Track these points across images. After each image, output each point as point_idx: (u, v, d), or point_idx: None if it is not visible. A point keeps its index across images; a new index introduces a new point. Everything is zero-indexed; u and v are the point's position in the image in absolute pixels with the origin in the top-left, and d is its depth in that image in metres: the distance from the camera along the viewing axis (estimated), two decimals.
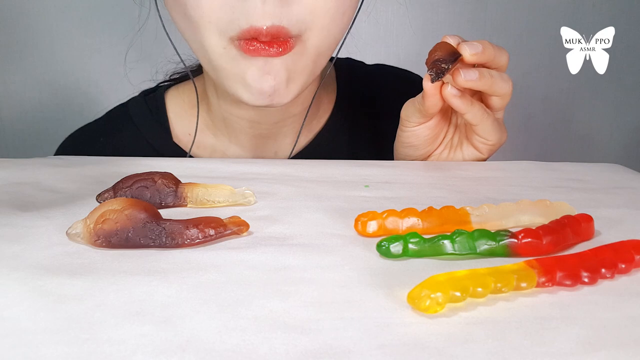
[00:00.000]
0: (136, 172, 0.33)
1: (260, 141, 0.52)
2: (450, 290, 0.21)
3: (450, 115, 0.45)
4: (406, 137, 0.45)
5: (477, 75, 0.40)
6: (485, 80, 0.40)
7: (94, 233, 0.26)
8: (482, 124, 0.42)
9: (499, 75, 0.41)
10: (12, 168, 0.39)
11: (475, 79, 0.40)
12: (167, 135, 0.53)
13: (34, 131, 1.09)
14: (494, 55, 0.40)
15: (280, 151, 0.53)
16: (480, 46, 0.39)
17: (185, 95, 0.55)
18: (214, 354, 0.18)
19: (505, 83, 0.41)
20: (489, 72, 0.40)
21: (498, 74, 0.41)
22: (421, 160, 0.46)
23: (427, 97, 0.41)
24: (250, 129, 0.51)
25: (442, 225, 0.28)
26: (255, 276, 0.24)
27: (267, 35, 0.39)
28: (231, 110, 0.50)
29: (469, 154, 0.45)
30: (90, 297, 0.22)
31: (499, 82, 0.41)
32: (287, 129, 0.52)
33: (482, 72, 0.40)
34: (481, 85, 0.40)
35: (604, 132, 1.18)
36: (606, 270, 0.23)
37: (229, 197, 0.32)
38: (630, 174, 0.41)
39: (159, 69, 0.61)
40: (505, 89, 0.41)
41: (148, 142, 0.53)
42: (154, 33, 0.55)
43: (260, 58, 0.40)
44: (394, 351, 0.18)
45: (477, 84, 0.40)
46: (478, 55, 0.39)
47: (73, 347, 0.18)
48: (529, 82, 1.13)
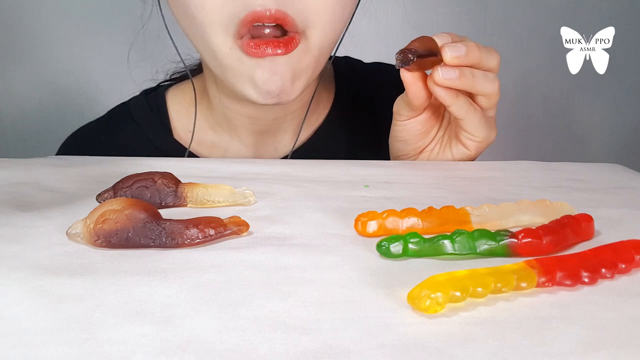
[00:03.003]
0: (136, 172, 0.33)
1: (260, 137, 0.52)
2: (450, 290, 0.21)
3: (442, 112, 0.45)
4: (398, 132, 0.45)
5: (457, 74, 0.39)
6: (466, 79, 0.39)
7: (94, 233, 0.26)
8: (468, 118, 0.41)
9: (482, 74, 0.40)
10: (12, 168, 0.39)
11: (454, 77, 0.39)
12: (168, 132, 0.54)
13: (34, 131, 1.09)
14: (480, 58, 0.39)
15: (280, 147, 0.53)
16: (463, 49, 0.39)
17: (186, 93, 0.55)
18: (214, 354, 0.18)
19: (489, 83, 0.40)
20: (471, 71, 0.40)
21: (482, 74, 0.40)
22: (412, 155, 0.46)
23: (406, 87, 0.41)
24: (250, 125, 0.51)
25: (442, 225, 0.28)
26: (255, 276, 0.24)
27: (271, 18, 0.39)
28: (232, 107, 0.50)
29: (458, 152, 0.44)
30: (90, 297, 0.22)
31: (481, 81, 0.40)
32: (286, 124, 0.52)
33: (462, 72, 0.39)
34: (461, 85, 0.39)
35: (604, 132, 1.18)
36: (606, 270, 0.23)
37: (229, 197, 0.32)
38: (630, 174, 0.41)
39: (160, 69, 0.61)
40: (490, 89, 0.41)
41: (149, 140, 0.54)
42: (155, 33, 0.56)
43: (266, 58, 0.40)
44: (394, 351, 0.18)
45: (456, 83, 0.39)
46: (460, 59, 0.39)
47: (73, 347, 0.18)
48: (529, 82, 1.13)
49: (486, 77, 0.40)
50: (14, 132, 1.09)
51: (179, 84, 0.57)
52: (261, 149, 0.53)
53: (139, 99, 0.57)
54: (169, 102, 0.56)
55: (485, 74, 0.40)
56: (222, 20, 0.40)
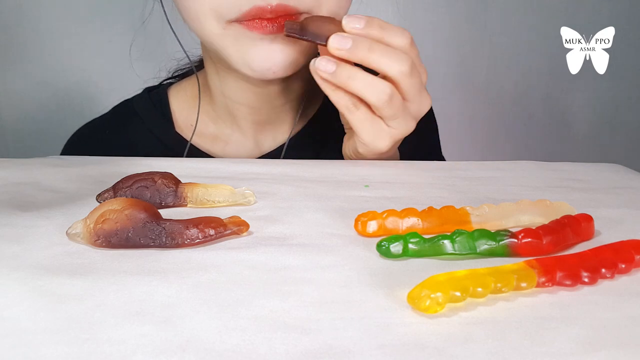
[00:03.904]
0: (136, 172, 0.33)
1: (260, 127, 0.54)
2: (450, 290, 0.21)
3: None
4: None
5: (351, 44, 0.36)
6: (360, 53, 0.36)
7: (94, 233, 0.26)
8: (349, 117, 0.39)
9: (383, 49, 0.37)
10: (12, 168, 0.39)
11: (347, 47, 0.36)
12: (170, 125, 0.55)
13: (35, 132, 1.09)
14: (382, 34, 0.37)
15: (278, 136, 0.55)
16: (349, 43, 0.36)
17: (188, 89, 0.57)
18: (214, 353, 0.18)
19: (391, 62, 0.36)
20: (370, 44, 0.36)
21: (382, 48, 0.37)
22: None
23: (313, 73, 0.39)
24: (250, 115, 0.53)
25: (442, 225, 0.28)
26: (256, 276, 0.24)
27: (272, 12, 0.39)
28: (233, 97, 0.51)
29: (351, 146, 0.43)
30: (90, 297, 0.22)
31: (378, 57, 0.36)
32: (284, 114, 0.54)
33: (357, 43, 0.36)
34: (354, 57, 0.37)
35: (604, 132, 1.18)
36: (606, 270, 0.23)
37: (229, 197, 0.32)
38: (630, 174, 0.41)
39: (162, 67, 0.62)
40: (391, 69, 0.37)
41: (152, 133, 0.55)
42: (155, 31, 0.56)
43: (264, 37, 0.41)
44: (394, 351, 0.18)
45: (347, 54, 0.37)
46: (343, 52, 0.37)
47: (73, 347, 0.18)
48: (529, 82, 1.13)
49: (387, 54, 0.37)
50: (14, 132, 1.10)
51: (180, 82, 0.59)
52: (261, 139, 0.54)
53: (142, 95, 0.58)
54: (171, 98, 0.57)
55: (387, 50, 0.37)
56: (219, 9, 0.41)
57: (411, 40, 0.38)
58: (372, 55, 0.37)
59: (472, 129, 1.14)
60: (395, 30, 0.38)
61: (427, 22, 1.09)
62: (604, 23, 0.46)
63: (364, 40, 0.37)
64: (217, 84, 0.52)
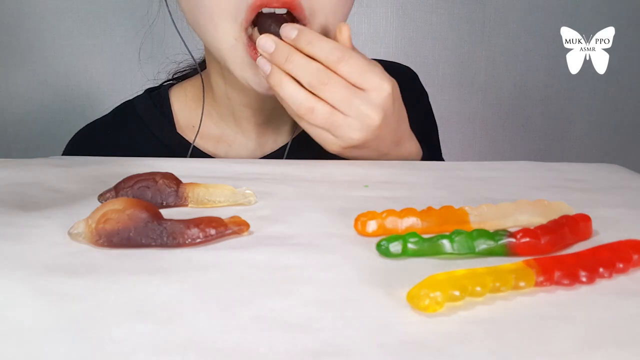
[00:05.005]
0: (137, 172, 0.33)
1: (262, 128, 0.54)
2: (449, 289, 0.21)
3: None
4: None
5: (273, 47, 0.38)
6: (275, 56, 0.38)
7: (96, 233, 0.26)
8: (300, 124, 0.41)
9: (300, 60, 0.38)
10: (14, 168, 0.39)
11: (269, 50, 0.39)
12: (172, 127, 0.55)
13: (36, 132, 1.09)
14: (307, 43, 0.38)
15: (279, 138, 0.55)
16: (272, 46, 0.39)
17: (189, 90, 0.57)
18: (214, 352, 0.18)
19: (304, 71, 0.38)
20: (289, 51, 0.38)
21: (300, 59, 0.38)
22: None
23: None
24: (252, 117, 0.53)
25: (441, 225, 0.28)
26: (256, 275, 0.24)
27: (279, 2, 0.40)
28: (236, 99, 0.52)
29: None
30: (91, 296, 0.22)
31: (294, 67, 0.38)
32: (286, 116, 0.54)
33: (278, 48, 0.38)
34: (274, 62, 0.39)
35: (603, 132, 1.18)
36: (604, 269, 0.23)
37: (229, 197, 0.33)
38: (628, 174, 0.41)
39: (161, 69, 0.62)
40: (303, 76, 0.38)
41: (153, 134, 0.55)
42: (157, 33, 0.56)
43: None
44: (393, 350, 0.19)
45: (269, 57, 0.39)
46: (265, 54, 0.39)
47: (75, 346, 0.19)
48: (528, 82, 1.13)
49: (303, 65, 0.38)
50: (16, 132, 1.10)
51: (181, 83, 0.59)
52: (263, 141, 0.55)
53: (142, 96, 0.58)
54: (172, 99, 0.57)
55: (304, 62, 0.38)
56: (231, 7, 0.42)
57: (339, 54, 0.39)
58: (288, 65, 0.39)
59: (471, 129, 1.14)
60: (322, 45, 0.39)
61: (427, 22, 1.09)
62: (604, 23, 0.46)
63: (285, 48, 0.38)
64: (222, 86, 0.52)
